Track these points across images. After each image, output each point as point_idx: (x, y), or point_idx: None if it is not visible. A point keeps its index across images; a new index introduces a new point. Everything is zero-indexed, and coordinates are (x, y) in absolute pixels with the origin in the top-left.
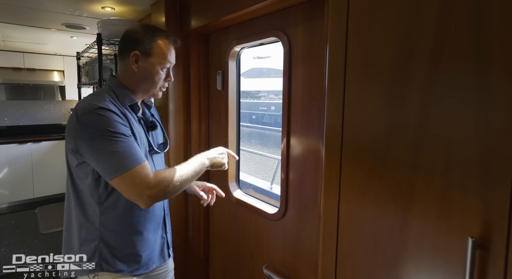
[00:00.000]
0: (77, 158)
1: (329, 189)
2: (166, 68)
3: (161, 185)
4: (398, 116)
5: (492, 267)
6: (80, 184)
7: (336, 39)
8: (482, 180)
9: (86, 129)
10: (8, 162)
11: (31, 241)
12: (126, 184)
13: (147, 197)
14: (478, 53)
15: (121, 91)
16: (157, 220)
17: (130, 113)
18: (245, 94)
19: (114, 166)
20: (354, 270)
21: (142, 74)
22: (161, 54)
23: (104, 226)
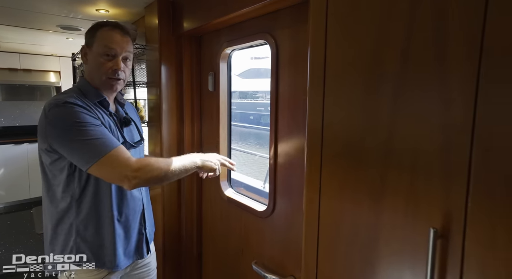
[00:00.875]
0: (50, 156)
1: (311, 185)
2: (108, 55)
3: (146, 169)
4: (371, 118)
5: (451, 255)
6: (54, 182)
7: (316, 44)
8: (442, 176)
9: (55, 124)
10: (4, 163)
11: (27, 240)
12: (106, 168)
13: (132, 178)
14: (437, 61)
15: (87, 88)
16: (134, 215)
17: (100, 109)
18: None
19: (90, 153)
20: (334, 261)
21: (90, 65)
22: (100, 42)
23: (80, 220)
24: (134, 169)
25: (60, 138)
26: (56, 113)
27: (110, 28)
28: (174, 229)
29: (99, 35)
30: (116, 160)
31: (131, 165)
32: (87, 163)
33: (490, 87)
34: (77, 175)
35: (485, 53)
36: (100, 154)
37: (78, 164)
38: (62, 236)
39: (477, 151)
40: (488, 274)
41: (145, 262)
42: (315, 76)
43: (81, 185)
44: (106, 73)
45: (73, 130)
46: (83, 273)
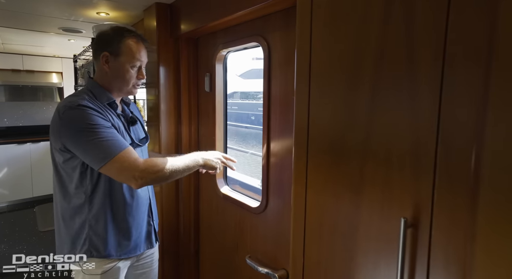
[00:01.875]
0: (63, 155)
1: (298, 180)
2: (136, 66)
3: (151, 169)
4: (351, 116)
5: (420, 243)
6: (67, 179)
7: (302, 46)
8: (412, 170)
9: (69, 125)
10: (8, 162)
11: (30, 238)
12: (116, 169)
13: (138, 178)
14: (408, 63)
15: (98, 91)
16: (143, 208)
17: (109, 111)
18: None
19: (101, 154)
20: (319, 252)
21: (114, 73)
22: (130, 53)
23: (92, 215)
24: (141, 170)
25: (74, 139)
26: (70, 116)
27: (136, 40)
28: (172, 226)
29: (127, 46)
30: (125, 161)
31: (138, 165)
32: (99, 163)
33: (452, 89)
34: (89, 173)
35: (448, 56)
36: (111, 155)
37: (91, 164)
38: (74, 230)
39: (441, 147)
40: (452, 259)
41: (149, 253)
42: (301, 77)
43: (93, 182)
44: (133, 83)
45: (85, 132)
46: (96, 262)
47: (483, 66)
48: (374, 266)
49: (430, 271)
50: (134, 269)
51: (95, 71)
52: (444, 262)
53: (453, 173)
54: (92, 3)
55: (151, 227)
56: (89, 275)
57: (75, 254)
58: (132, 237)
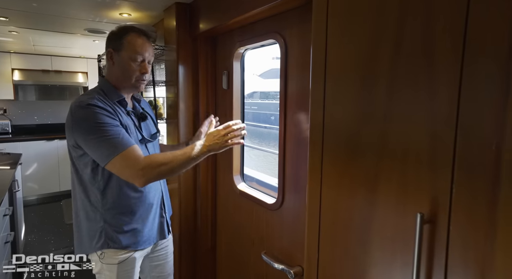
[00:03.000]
0: (76, 151)
1: (313, 176)
2: (137, 60)
3: (151, 166)
4: (366, 111)
5: (437, 239)
6: (83, 175)
7: (318, 43)
8: (430, 165)
9: (79, 124)
10: (37, 158)
11: (57, 229)
12: (119, 166)
13: (141, 176)
14: (425, 58)
15: (108, 89)
16: (155, 201)
17: (119, 108)
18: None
19: (106, 151)
20: (333, 247)
21: (118, 69)
22: (130, 48)
23: (106, 209)
24: (140, 168)
25: (83, 136)
26: (80, 114)
27: (137, 35)
28: (190, 221)
29: (128, 41)
30: (127, 159)
31: (138, 164)
32: (104, 160)
33: (471, 81)
34: (100, 169)
35: (467, 49)
36: (115, 153)
37: (97, 160)
38: (91, 223)
39: (460, 142)
40: (471, 257)
41: (164, 245)
42: (316, 73)
43: (104, 178)
44: (135, 77)
45: (93, 130)
46: (112, 252)
47: (504, 60)
48: (389, 263)
49: (448, 268)
50: (150, 261)
51: (106, 70)
52: (462, 259)
53: (473, 168)
54: (115, 4)
55: (164, 219)
56: (107, 265)
57: (93, 245)
58: (145, 228)
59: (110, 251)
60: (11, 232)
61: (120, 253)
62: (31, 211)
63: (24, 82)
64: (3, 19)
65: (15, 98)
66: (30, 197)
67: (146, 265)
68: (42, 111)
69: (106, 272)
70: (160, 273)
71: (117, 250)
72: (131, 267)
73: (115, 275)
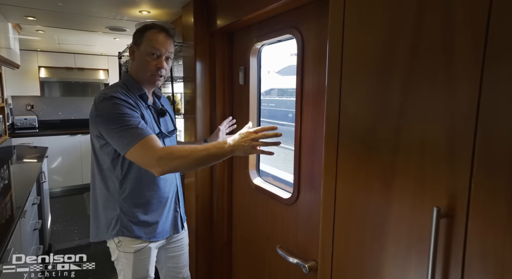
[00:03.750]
0: (99, 141)
1: (328, 170)
2: (154, 54)
3: (168, 158)
4: (382, 107)
5: (455, 234)
6: (103, 163)
7: (335, 37)
8: (448, 159)
9: (102, 114)
10: (61, 152)
11: (80, 220)
12: (138, 154)
13: (157, 165)
14: (444, 49)
15: (130, 83)
16: (170, 195)
17: (140, 102)
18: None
19: (126, 140)
20: (348, 242)
21: (137, 63)
22: (148, 43)
23: (123, 198)
24: (157, 158)
25: (105, 126)
26: (103, 106)
27: (157, 31)
28: (206, 215)
29: (147, 37)
30: (145, 147)
31: (155, 153)
32: (124, 148)
33: (493, 75)
34: (120, 159)
35: (489, 43)
36: (133, 141)
37: (118, 149)
38: (109, 211)
39: (480, 135)
40: (490, 253)
41: (179, 238)
42: (333, 68)
43: (123, 168)
44: (151, 71)
45: (114, 120)
46: (128, 241)
47: None
48: (404, 257)
49: (465, 263)
50: (166, 252)
51: (129, 65)
52: (480, 255)
53: (493, 165)
54: (135, 2)
55: (178, 213)
56: (124, 253)
57: (109, 232)
58: (159, 221)
59: (126, 240)
60: (39, 220)
61: (136, 243)
62: (56, 202)
63: (49, 79)
64: (31, 18)
65: (41, 94)
66: (55, 189)
67: (162, 256)
68: (66, 107)
69: (123, 260)
70: (176, 264)
71: (133, 239)
72: (147, 256)
73: (132, 263)
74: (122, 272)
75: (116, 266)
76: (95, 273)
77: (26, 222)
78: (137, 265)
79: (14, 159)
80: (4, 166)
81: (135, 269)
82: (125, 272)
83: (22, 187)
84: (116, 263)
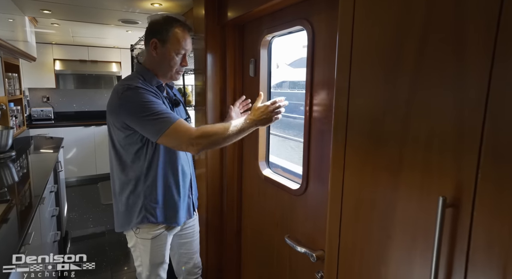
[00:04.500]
0: (124, 131)
1: (336, 161)
2: (180, 54)
3: (205, 135)
4: (390, 98)
5: (460, 224)
6: (124, 154)
7: (344, 28)
8: (455, 150)
9: (128, 104)
10: (76, 143)
11: (94, 209)
12: (173, 138)
13: (196, 143)
14: (454, 40)
15: (147, 75)
16: (186, 183)
17: (157, 93)
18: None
19: (158, 126)
20: (355, 232)
21: (160, 59)
22: (176, 42)
23: (147, 186)
24: (196, 136)
25: (133, 116)
26: (127, 96)
27: (183, 30)
28: (216, 205)
29: (175, 35)
30: (180, 130)
31: (192, 133)
32: (156, 135)
33: (504, 66)
34: (145, 148)
35: (500, 34)
36: (166, 126)
37: (149, 136)
38: (132, 200)
39: (489, 125)
40: (495, 243)
41: (190, 224)
42: (342, 59)
43: (149, 157)
44: (176, 68)
45: (142, 109)
46: (146, 228)
47: None
48: (410, 246)
49: (470, 253)
50: (178, 238)
51: (144, 57)
52: (485, 245)
53: (500, 153)
54: None
55: (190, 200)
56: (141, 240)
57: (135, 220)
58: (178, 207)
59: (145, 227)
60: (56, 207)
61: (154, 229)
62: (72, 192)
63: (64, 71)
64: (47, 12)
65: (57, 87)
66: (70, 178)
67: (175, 243)
68: (80, 99)
69: (141, 246)
70: (187, 250)
71: (152, 226)
72: (163, 242)
73: (149, 249)
74: (140, 258)
75: (133, 253)
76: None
77: (45, 209)
78: (154, 251)
79: (32, 148)
80: (23, 155)
81: (152, 254)
82: (142, 258)
83: (41, 175)
84: (133, 249)
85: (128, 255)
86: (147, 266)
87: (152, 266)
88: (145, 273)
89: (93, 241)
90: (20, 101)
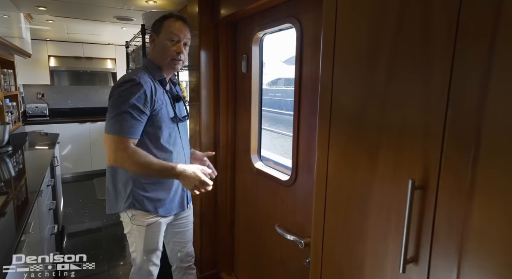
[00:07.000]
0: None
1: (321, 152)
2: (173, 40)
3: (131, 160)
4: (369, 92)
5: (427, 203)
6: None
7: (328, 26)
8: (423, 135)
9: (115, 93)
10: (71, 139)
11: (90, 204)
12: (107, 142)
13: (113, 161)
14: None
15: (152, 67)
16: None
17: (159, 86)
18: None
19: (111, 125)
20: (337, 216)
21: (158, 49)
22: (167, 29)
23: (134, 173)
24: (114, 160)
25: (110, 102)
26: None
27: (175, 19)
28: (211, 198)
29: (166, 25)
30: (115, 143)
31: (125, 158)
32: (105, 129)
33: (463, 60)
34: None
35: (460, 31)
36: (112, 132)
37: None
38: (122, 185)
39: (450, 113)
40: (454, 217)
41: (184, 215)
42: (326, 53)
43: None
44: (171, 55)
45: (119, 103)
46: (141, 215)
47: (488, 44)
48: (385, 224)
49: (434, 227)
50: (172, 227)
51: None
52: (446, 222)
53: (460, 139)
54: None
55: (184, 193)
56: (137, 226)
57: (123, 205)
58: (167, 198)
59: (139, 214)
60: (53, 201)
61: (148, 217)
62: (67, 188)
63: (58, 68)
64: (42, 8)
65: (51, 83)
66: (66, 174)
67: (169, 231)
68: (74, 96)
69: (136, 232)
70: (181, 239)
71: (145, 213)
72: (157, 230)
73: (143, 236)
74: (134, 244)
75: (128, 239)
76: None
77: (43, 201)
78: (148, 238)
79: (27, 144)
80: (19, 151)
81: (146, 241)
82: (137, 244)
83: (38, 169)
84: (128, 235)
85: (124, 249)
86: (141, 252)
87: (146, 252)
88: (139, 258)
89: (90, 235)
90: (16, 97)
